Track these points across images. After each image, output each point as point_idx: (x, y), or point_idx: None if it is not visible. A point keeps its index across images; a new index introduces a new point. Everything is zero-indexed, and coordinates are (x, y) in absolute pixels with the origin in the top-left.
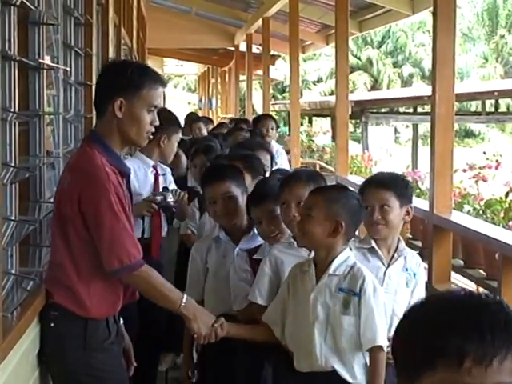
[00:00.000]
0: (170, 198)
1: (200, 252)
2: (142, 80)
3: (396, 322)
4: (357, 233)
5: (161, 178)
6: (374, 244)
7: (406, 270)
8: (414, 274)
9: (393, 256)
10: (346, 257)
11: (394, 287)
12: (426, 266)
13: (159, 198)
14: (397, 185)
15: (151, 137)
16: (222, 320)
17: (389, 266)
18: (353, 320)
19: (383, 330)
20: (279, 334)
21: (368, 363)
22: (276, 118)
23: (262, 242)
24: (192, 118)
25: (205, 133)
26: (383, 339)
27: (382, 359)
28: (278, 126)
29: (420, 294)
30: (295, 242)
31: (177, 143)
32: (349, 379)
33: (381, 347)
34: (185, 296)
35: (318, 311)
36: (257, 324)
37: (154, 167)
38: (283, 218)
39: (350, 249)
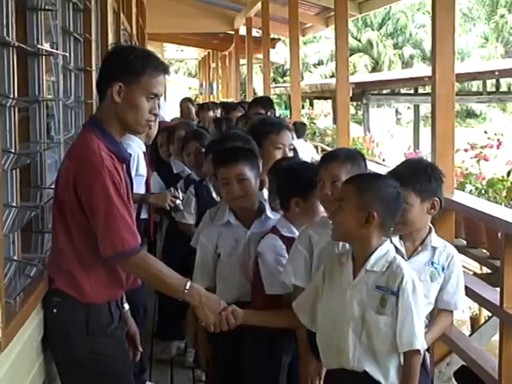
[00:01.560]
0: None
1: (211, 238)
2: (143, 66)
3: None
4: None
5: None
6: (392, 238)
7: (432, 263)
8: (443, 269)
9: (416, 249)
10: (386, 251)
11: None
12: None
13: (181, 195)
14: (416, 180)
15: (151, 125)
16: (232, 307)
17: (409, 258)
18: (390, 320)
19: (421, 333)
20: (308, 322)
21: (402, 364)
22: (277, 101)
23: (273, 224)
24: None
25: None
26: (421, 343)
27: (417, 363)
28: (274, 110)
29: (453, 288)
30: (330, 221)
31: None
32: (382, 381)
33: (418, 351)
34: (188, 282)
35: (353, 309)
36: (277, 309)
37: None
38: (319, 196)
39: (391, 241)
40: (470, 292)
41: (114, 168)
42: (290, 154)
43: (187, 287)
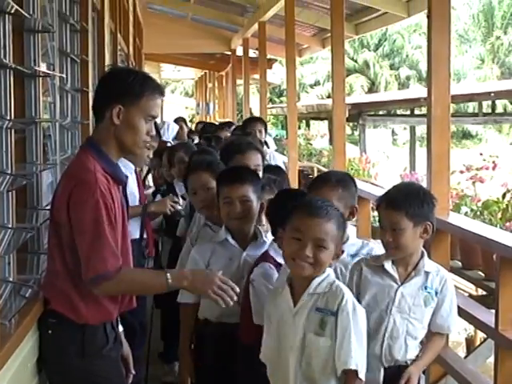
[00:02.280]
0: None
1: (203, 255)
2: (142, 89)
3: (410, 342)
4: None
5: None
6: (385, 263)
7: (426, 288)
8: (436, 293)
9: (409, 274)
10: (327, 274)
11: (407, 306)
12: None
13: (181, 201)
14: (409, 204)
15: (148, 146)
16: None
17: (402, 284)
18: (329, 342)
19: (360, 355)
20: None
21: None
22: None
23: (267, 248)
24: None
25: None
26: (358, 364)
27: None
28: (266, 129)
29: (446, 312)
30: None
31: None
32: None
33: (355, 372)
34: (167, 272)
35: (296, 334)
36: None
37: (135, 170)
38: None
39: (330, 265)
40: (465, 314)
41: (108, 190)
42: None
43: (168, 277)
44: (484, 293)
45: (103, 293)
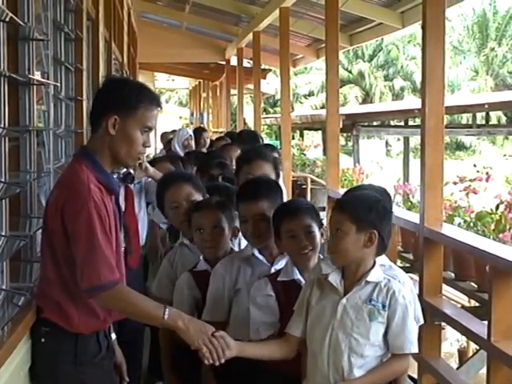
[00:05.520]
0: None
1: (230, 271)
2: (139, 100)
3: (356, 360)
4: None
5: None
6: (330, 275)
7: (370, 301)
8: (383, 306)
9: (353, 285)
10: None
11: (350, 321)
12: (408, 292)
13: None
14: (356, 207)
15: (141, 158)
16: (220, 332)
17: (344, 296)
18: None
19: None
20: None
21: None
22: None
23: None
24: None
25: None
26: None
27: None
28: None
29: (398, 328)
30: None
31: None
32: None
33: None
34: (167, 308)
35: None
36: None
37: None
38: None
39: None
40: (457, 325)
41: (101, 201)
42: None
43: (166, 312)
44: (477, 304)
45: (101, 303)
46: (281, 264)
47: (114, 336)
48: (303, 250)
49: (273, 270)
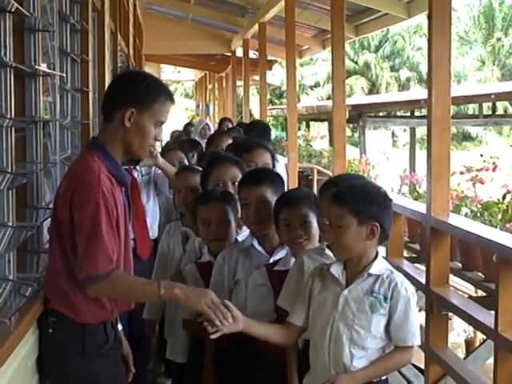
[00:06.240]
0: None
1: (228, 262)
2: (157, 95)
3: (357, 352)
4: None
5: None
6: (332, 266)
7: (372, 293)
8: (385, 298)
9: (354, 278)
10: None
11: (351, 312)
12: (410, 286)
13: None
14: (356, 200)
15: (152, 150)
16: (229, 303)
17: (346, 288)
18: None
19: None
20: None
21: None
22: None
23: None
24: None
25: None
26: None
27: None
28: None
29: (400, 320)
30: (327, 249)
31: None
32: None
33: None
34: (161, 281)
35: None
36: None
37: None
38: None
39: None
40: (464, 315)
41: (110, 192)
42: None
43: (161, 285)
44: (484, 294)
45: (95, 294)
46: (280, 255)
47: (120, 327)
48: (298, 238)
49: (271, 261)
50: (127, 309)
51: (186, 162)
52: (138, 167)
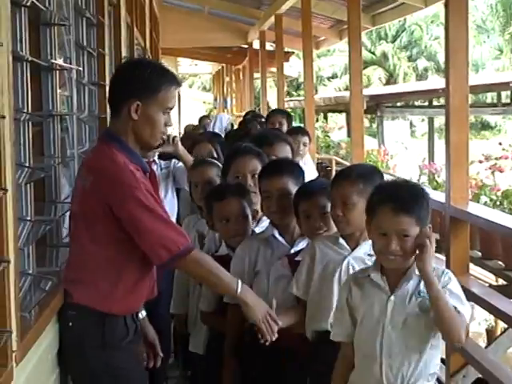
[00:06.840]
0: None
1: (249, 252)
2: (159, 82)
3: (414, 357)
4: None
5: None
6: (371, 274)
7: (419, 293)
8: None
9: (400, 281)
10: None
11: (401, 318)
12: (451, 274)
13: None
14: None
15: (165, 137)
16: (275, 317)
17: (393, 293)
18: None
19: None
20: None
21: None
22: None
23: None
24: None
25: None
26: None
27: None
28: (290, 122)
29: (449, 298)
30: (340, 238)
31: None
32: None
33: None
34: (239, 281)
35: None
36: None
37: None
38: (331, 215)
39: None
40: (485, 304)
41: (144, 178)
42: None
43: (239, 285)
44: (504, 282)
45: (184, 269)
46: (301, 246)
47: (144, 313)
48: (318, 230)
49: (292, 252)
50: (149, 297)
51: (215, 155)
52: (157, 160)
